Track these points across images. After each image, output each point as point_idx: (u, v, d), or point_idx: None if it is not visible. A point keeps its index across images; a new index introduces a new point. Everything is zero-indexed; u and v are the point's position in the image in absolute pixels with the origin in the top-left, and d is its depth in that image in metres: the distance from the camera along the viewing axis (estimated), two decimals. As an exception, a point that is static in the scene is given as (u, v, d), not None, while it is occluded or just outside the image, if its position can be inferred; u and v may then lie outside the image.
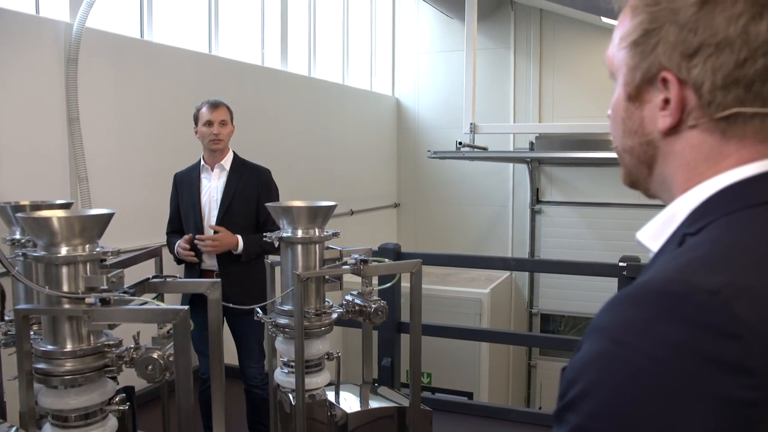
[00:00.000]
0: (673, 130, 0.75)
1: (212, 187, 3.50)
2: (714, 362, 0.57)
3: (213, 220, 3.46)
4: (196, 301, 2.95)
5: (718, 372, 0.57)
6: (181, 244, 3.44)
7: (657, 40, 0.74)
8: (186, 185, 3.55)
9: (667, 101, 0.74)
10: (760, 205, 0.69)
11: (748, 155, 0.72)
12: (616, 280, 3.84)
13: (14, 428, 1.97)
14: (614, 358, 0.61)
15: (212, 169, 3.51)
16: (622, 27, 0.80)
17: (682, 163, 0.76)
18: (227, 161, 3.53)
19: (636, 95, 0.78)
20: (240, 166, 3.56)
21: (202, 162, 3.55)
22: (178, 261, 3.55)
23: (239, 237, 3.41)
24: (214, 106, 3.48)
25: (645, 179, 0.83)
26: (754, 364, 0.56)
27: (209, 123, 3.44)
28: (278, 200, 3.56)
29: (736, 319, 0.58)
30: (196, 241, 3.40)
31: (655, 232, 0.77)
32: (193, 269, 3.48)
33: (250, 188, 3.51)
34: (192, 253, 3.42)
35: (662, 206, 0.79)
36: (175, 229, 3.62)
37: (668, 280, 0.63)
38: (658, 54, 0.74)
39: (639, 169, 0.82)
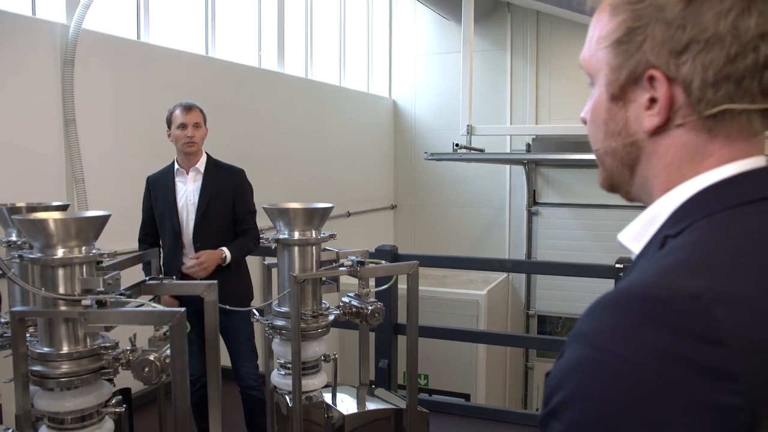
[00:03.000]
0: (660, 130, 0.74)
1: (189, 191, 3.48)
2: (697, 368, 0.56)
3: (191, 224, 3.44)
4: (181, 304, 2.93)
5: (701, 378, 0.56)
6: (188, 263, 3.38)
7: (643, 38, 0.73)
8: (161, 189, 3.52)
9: (653, 100, 0.73)
10: (739, 207, 0.69)
11: (730, 154, 0.72)
12: (612, 281, 3.84)
13: (10, 431, 1.97)
14: (596, 365, 0.60)
15: (187, 173, 3.50)
16: (600, 27, 0.79)
17: (665, 164, 0.75)
18: (201, 164, 3.51)
19: (620, 95, 0.77)
20: (214, 168, 3.53)
21: (177, 165, 3.53)
22: (166, 271, 3.48)
23: (224, 249, 3.39)
24: (188, 108, 3.45)
25: (626, 182, 0.82)
26: (737, 370, 0.56)
27: (183, 126, 3.42)
28: (252, 199, 3.53)
29: (718, 324, 0.57)
30: (184, 269, 3.37)
31: (636, 234, 0.77)
32: (174, 274, 3.44)
33: (226, 189, 3.48)
34: (202, 268, 3.33)
35: None
36: (149, 232, 3.58)
37: (649, 284, 0.62)
38: (644, 52, 0.73)
39: (620, 171, 0.81)
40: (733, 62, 0.69)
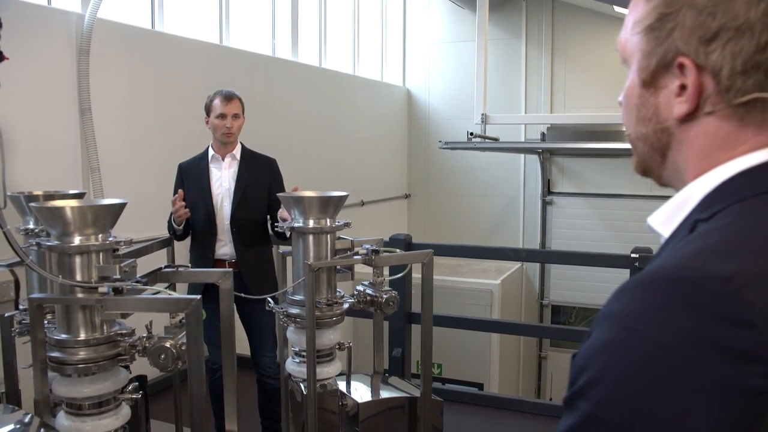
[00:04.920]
0: (689, 117, 0.73)
1: (224, 177, 3.50)
2: (725, 350, 0.56)
3: (225, 210, 3.46)
4: (207, 291, 2.95)
5: (729, 360, 0.56)
6: (175, 203, 3.28)
7: (673, 25, 0.72)
8: (194, 175, 3.53)
9: (683, 87, 0.72)
10: None
11: (764, 141, 0.70)
12: (627, 271, 3.82)
13: (29, 416, 1.99)
14: (623, 345, 0.60)
15: (223, 159, 3.51)
16: (636, 11, 0.78)
17: (696, 150, 0.74)
18: (237, 151, 3.54)
19: (651, 81, 0.76)
20: (250, 157, 3.56)
21: (212, 152, 3.54)
22: (175, 234, 3.44)
23: None
24: (228, 98, 3.46)
25: (658, 167, 0.81)
26: (766, 352, 0.56)
27: (222, 116, 3.44)
28: (284, 190, 3.54)
29: (748, 307, 0.57)
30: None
31: (666, 218, 0.76)
32: (206, 259, 3.47)
33: (263, 177, 3.52)
34: (185, 211, 3.29)
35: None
36: None
37: (679, 267, 0.62)
38: (674, 39, 0.72)
39: (652, 156, 0.80)
40: (763, 51, 0.67)
